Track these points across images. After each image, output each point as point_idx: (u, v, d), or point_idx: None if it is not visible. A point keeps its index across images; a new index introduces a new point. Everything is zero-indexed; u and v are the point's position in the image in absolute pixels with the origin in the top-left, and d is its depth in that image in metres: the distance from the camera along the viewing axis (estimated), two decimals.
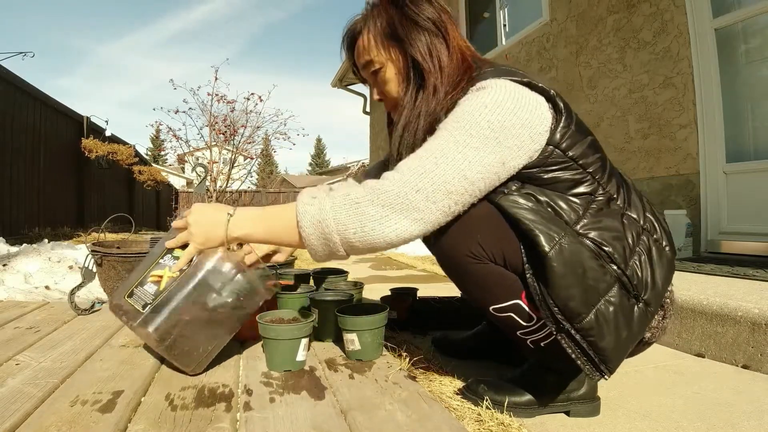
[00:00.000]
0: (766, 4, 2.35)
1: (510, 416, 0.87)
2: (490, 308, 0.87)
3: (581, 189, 0.86)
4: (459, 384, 1.02)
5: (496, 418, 0.85)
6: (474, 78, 0.87)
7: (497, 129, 0.77)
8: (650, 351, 1.35)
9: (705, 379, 1.12)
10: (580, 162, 0.85)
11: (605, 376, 0.80)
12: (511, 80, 0.82)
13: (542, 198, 0.83)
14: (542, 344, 0.88)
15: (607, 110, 3.23)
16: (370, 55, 0.96)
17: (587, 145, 0.87)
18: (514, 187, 0.84)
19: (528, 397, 0.92)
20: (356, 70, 1.04)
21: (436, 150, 0.77)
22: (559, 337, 0.80)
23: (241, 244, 0.96)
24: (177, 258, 0.95)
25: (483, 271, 0.85)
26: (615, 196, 0.88)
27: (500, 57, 4.50)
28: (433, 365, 1.15)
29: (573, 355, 0.79)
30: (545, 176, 0.84)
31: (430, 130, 0.86)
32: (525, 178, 0.84)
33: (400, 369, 1.04)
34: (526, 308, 0.85)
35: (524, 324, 0.86)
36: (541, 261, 0.78)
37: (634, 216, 0.87)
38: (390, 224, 0.75)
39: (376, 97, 1.02)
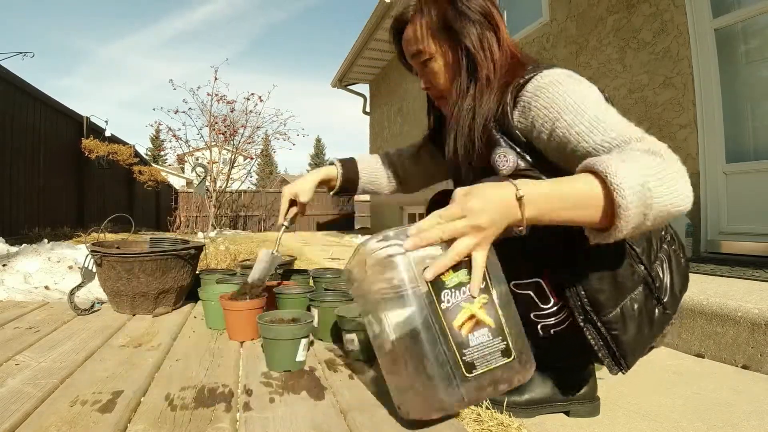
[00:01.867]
0: (766, 4, 2.36)
1: (509, 416, 0.87)
2: (511, 283, 0.83)
3: None
4: None
5: (496, 418, 0.85)
6: (530, 71, 0.86)
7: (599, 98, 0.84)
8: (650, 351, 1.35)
9: (705, 380, 1.12)
10: None
11: (623, 371, 0.81)
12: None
13: None
14: (552, 331, 0.87)
15: None
16: (420, 45, 0.97)
17: None
18: None
19: (527, 396, 0.92)
20: (402, 57, 1.06)
21: (615, 127, 0.78)
22: (585, 328, 0.80)
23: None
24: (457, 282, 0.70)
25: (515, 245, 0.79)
26: None
27: None
28: None
29: (595, 347, 0.80)
30: None
31: (484, 122, 0.88)
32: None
33: None
34: (546, 289, 0.85)
35: (541, 305, 0.86)
36: (579, 251, 0.77)
37: None
38: (683, 186, 0.69)
39: (423, 86, 1.03)
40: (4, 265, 2.01)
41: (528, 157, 0.86)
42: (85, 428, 0.72)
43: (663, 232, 0.89)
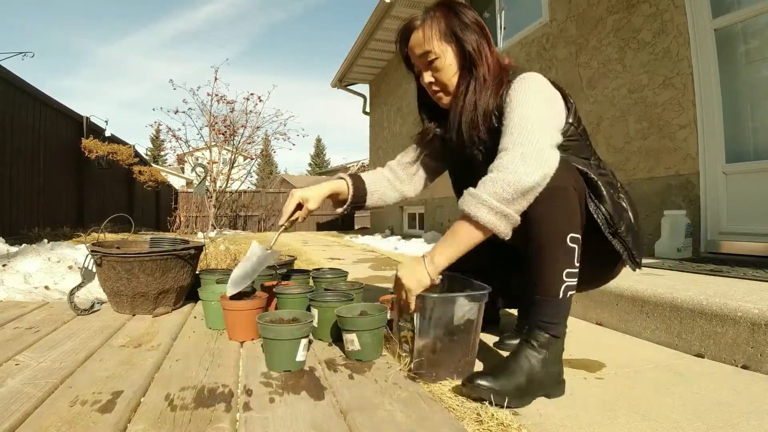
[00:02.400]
0: (766, 4, 2.36)
1: (509, 414, 0.87)
2: (570, 235, 1.00)
3: (585, 154, 1.17)
4: (458, 383, 1.02)
5: (496, 419, 0.85)
6: (511, 76, 1.11)
7: (549, 98, 1.08)
8: (650, 351, 1.35)
9: (705, 380, 1.12)
10: (576, 144, 1.14)
11: (639, 267, 1.13)
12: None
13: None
14: (568, 294, 1.01)
15: (606, 110, 3.23)
16: (429, 47, 1.16)
17: (580, 132, 1.16)
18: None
19: (523, 380, 0.97)
20: (407, 58, 1.26)
21: (519, 123, 1.01)
22: (613, 240, 1.08)
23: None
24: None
25: (575, 204, 1.03)
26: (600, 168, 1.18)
27: None
28: None
29: (623, 252, 1.09)
30: (566, 144, 1.11)
31: (483, 113, 1.12)
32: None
33: (400, 369, 1.04)
34: (580, 249, 1.02)
35: (575, 264, 1.01)
36: (595, 186, 1.09)
37: (615, 183, 1.18)
38: (525, 168, 0.96)
39: (426, 80, 1.20)
40: (4, 265, 2.01)
41: None
42: (85, 428, 0.72)
43: (615, 182, 1.18)
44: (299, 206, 1.30)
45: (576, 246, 1.01)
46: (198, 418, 0.77)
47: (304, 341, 1.02)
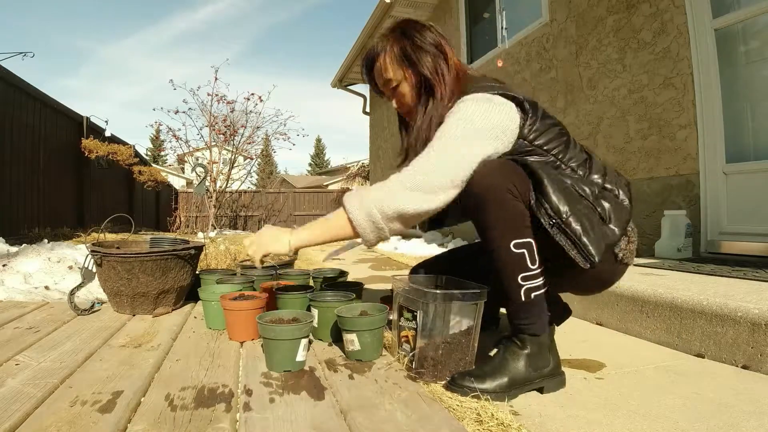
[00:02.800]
0: (766, 4, 2.36)
1: (509, 414, 0.87)
2: (513, 242, 1.00)
3: (555, 152, 1.13)
4: None
5: (496, 419, 0.85)
6: (462, 92, 1.12)
7: (477, 127, 1.04)
8: (650, 351, 1.35)
9: (705, 380, 1.12)
10: (545, 148, 1.11)
11: (592, 265, 0.99)
12: (487, 93, 1.08)
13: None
14: (533, 296, 1.02)
15: (606, 110, 3.23)
16: (388, 75, 1.20)
17: (553, 134, 1.12)
18: (518, 156, 1.10)
19: (506, 379, 1.00)
20: (375, 86, 1.28)
21: (435, 148, 1.04)
22: (554, 232, 1.00)
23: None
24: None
25: (515, 208, 1.01)
26: (575, 167, 1.13)
27: (491, 63, 4.54)
28: None
29: (567, 245, 1.00)
30: (528, 147, 1.11)
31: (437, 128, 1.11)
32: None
33: (400, 369, 1.04)
34: (535, 251, 1.01)
35: (530, 266, 1.01)
36: (540, 183, 1.03)
37: (597, 180, 1.12)
38: (416, 195, 1.00)
39: (395, 105, 1.26)
40: (4, 265, 2.01)
41: None
42: (85, 428, 0.72)
43: (603, 184, 1.12)
44: None
45: (524, 250, 1.01)
46: (198, 418, 0.77)
47: (304, 341, 1.02)
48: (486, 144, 1.04)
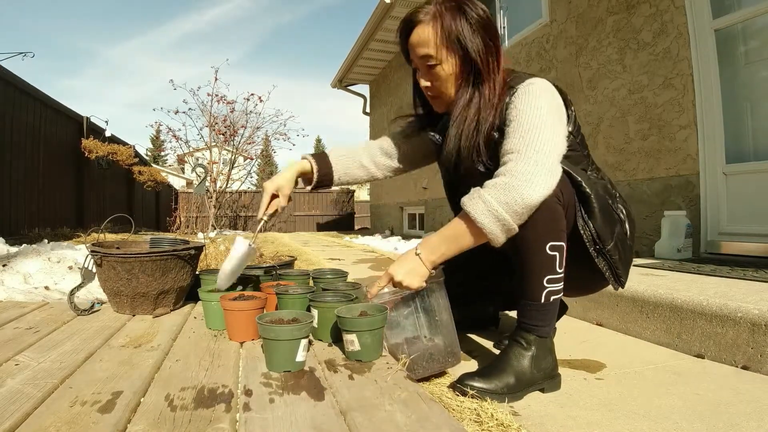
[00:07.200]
0: (766, 4, 2.36)
1: (509, 415, 0.87)
2: (549, 243, 0.99)
3: (582, 165, 1.14)
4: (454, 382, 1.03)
5: (496, 419, 0.85)
6: (512, 80, 1.06)
7: (558, 106, 1.03)
8: (650, 351, 1.35)
9: (705, 380, 1.12)
10: (578, 141, 1.12)
11: (622, 287, 1.11)
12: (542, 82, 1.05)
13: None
14: (552, 299, 1.02)
15: (606, 111, 3.23)
16: (431, 50, 1.05)
17: (581, 134, 1.15)
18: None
19: (513, 380, 1.00)
20: (407, 55, 1.14)
21: (531, 129, 0.97)
22: (599, 259, 1.05)
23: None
24: None
25: (556, 212, 1.00)
26: (590, 165, 1.18)
27: None
28: None
29: (606, 271, 1.06)
30: (567, 153, 1.06)
31: (492, 123, 1.04)
32: None
33: (400, 370, 1.04)
34: (565, 255, 1.02)
35: (557, 270, 1.01)
36: (587, 200, 1.05)
37: (612, 191, 1.16)
38: (538, 183, 0.94)
39: (424, 84, 1.11)
40: (4, 265, 2.02)
41: None
42: (84, 428, 0.72)
43: (614, 191, 1.16)
44: (274, 196, 1.29)
45: (557, 253, 1.00)
46: (198, 419, 0.77)
47: (304, 342, 1.02)
48: (562, 121, 1.04)
